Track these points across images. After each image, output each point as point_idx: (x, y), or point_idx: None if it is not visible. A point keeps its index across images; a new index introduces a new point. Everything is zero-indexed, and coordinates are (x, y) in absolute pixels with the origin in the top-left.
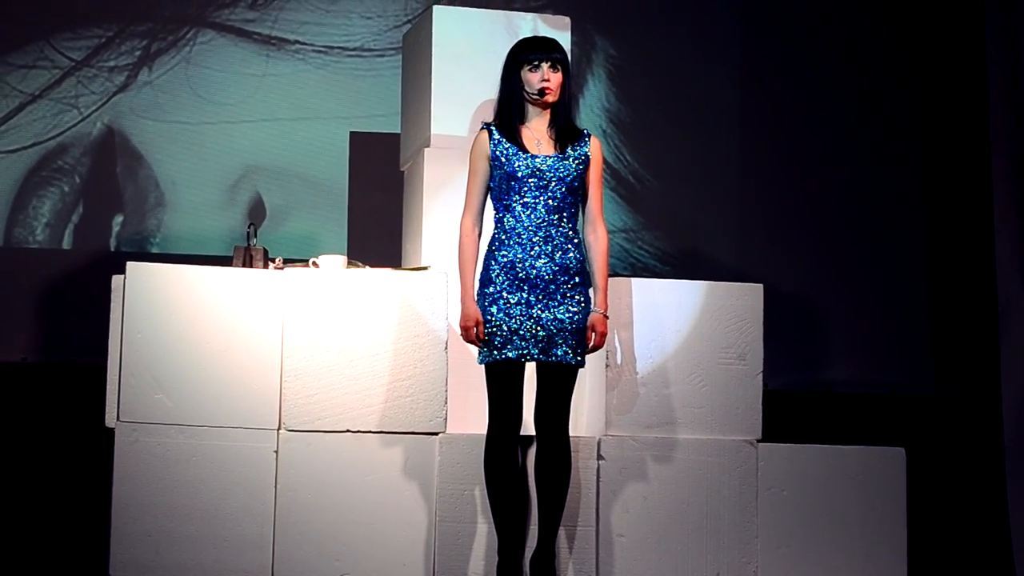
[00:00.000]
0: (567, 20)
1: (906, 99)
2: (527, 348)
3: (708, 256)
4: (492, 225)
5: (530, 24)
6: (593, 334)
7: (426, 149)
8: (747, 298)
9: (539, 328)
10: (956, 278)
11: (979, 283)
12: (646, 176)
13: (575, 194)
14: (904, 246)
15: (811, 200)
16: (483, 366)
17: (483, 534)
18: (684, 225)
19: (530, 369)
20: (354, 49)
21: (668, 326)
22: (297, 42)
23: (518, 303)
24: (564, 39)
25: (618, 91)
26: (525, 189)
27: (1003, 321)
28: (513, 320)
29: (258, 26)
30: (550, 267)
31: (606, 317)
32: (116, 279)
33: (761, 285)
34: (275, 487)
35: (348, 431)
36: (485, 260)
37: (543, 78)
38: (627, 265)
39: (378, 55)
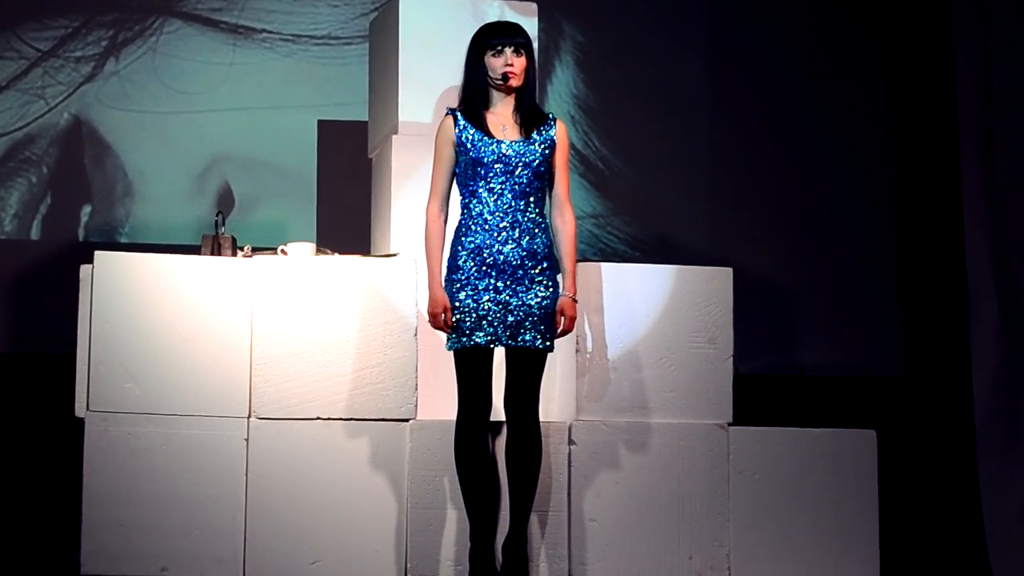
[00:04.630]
0: (534, 6)
1: (876, 83)
2: (496, 333)
3: (678, 241)
4: (458, 211)
5: (497, 11)
6: (562, 318)
7: (394, 136)
8: (716, 282)
9: (507, 313)
10: (926, 261)
11: (949, 266)
12: (615, 162)
13: (541, 179)
14: (874, 229)
15: (781, 184)
16: (452, 352)
17: (455, 520)
18: (653, 210)
19: (499, 354)
20: (321, 37)
21: (638, 311)
22: (264, 31)
23: (486, 289)
24: (531, 25)
25: (586, 77)
26: (491, 175)
27: (973, 303)
28: (481, 306)
29: (225, 15)
30: (517, 252)
31: (575, 301)
32: (84, 269)
33: (730, 269)
34: (246, 475)
35: (318, 419)
36: (452, 246)
37: (507, 63)
38: (596, 251)
39: (345, 43)
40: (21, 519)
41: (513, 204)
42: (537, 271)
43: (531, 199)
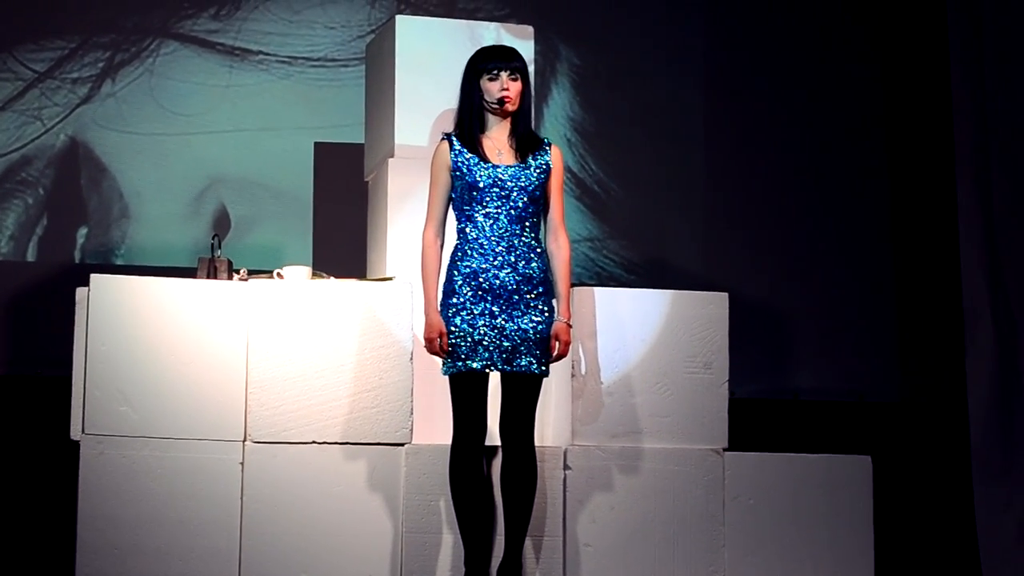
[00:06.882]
0: (530, 29)
1: (870, 106)
2: (491, 358)
3: (674, 265)
4: (454, 236)
5: (493, 34)
6: (557, 343)
7: (390, 159)
8: (712, 307)
9: (503, 338)
10: (922, 285)
11: (945, 290)
12: (611, 185)
13: (537, 203)
14: (870, 253)
15: (777, 208)
16: (447, 377)
17: (449, 544)
18: (649, 234)
19: (495, 379)
20: (318, 59)
21: (633, 335)
22: (261, 52)
23: (482, 313)
24: (527, 48)
25: (582, 100)
26: (487, 199)
27: (968, 328)
28: (477, 331)
29: (221, 37)
30: (513, 277)
31: (569, 326)
32: (80, 291)
33: (726, 294)
34: (241, 499)
35: (314, 442)
36: (448, 271)
37: (502, 87)
38: (592, 274)
39: (342, 65)
40: (16, 542)
41: (509, 228)
42: (533, 296)
43: (526, 224)
